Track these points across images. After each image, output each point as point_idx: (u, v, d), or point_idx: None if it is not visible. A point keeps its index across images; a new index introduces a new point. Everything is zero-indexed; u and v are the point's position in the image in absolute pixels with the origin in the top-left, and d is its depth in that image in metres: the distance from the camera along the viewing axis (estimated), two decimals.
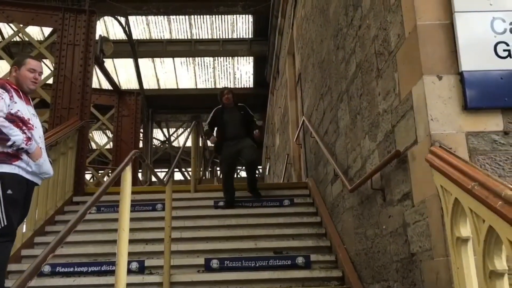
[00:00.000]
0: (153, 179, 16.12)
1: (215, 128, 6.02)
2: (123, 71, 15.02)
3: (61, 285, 4.16)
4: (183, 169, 18.41)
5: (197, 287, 4.16)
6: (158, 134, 18.77)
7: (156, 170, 4.54)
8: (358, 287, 3.63)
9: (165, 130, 18.19)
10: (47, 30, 11.33)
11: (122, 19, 11.56)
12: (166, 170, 19.16)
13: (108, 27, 13.43)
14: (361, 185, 3.40)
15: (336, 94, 4.36)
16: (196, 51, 14.29)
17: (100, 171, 11.74)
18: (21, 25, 6.52)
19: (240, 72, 15.34)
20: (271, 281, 4.12)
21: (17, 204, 2.95)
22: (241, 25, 13.75)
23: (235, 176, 6.16)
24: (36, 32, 12.05)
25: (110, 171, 9.99)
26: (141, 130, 13.49)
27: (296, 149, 7.91)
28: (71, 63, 6.33)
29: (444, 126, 2.29)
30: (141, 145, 14.03)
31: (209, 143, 6.14)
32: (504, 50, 2.33)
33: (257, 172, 5.85)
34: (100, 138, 18.26)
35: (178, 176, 18.82)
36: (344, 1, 3.94)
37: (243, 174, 18.74)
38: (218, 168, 19.14)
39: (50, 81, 6.50)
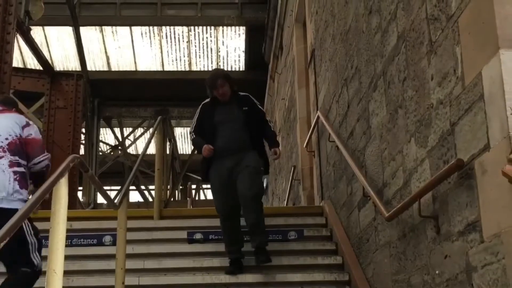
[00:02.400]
0: (100, 199, 16.06)
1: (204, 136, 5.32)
2: (58, 45, 15.02)
3: None
4: (143, 187, 18.38)
5: None
6: (108, 136, 18.74)
7: (104, 187, 4.51)
8: None
9: (117, 130, 18.16)
10: None
11: None
12: (119, 187, 19.15)
13: None
14: (404, 210, 3.42)
15: (367, 79, 4.39)
16: (163, 18, 14.30)
17: None
18: None
19: (227, 49, 15.38)
20: None
21: None
22: None
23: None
24: None
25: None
26: (83, 130, 13.44)
27: (307, 159, 7.95)
28: None
29: None
30: (82, 151, 13.98)
31: (204, 154, 5.20)
32: None
33: (262, 212, 5.19)
34: None
35: (135, 196, 18.80)
36: None
37: None
38: (193, 186, 19.16)
39: None
